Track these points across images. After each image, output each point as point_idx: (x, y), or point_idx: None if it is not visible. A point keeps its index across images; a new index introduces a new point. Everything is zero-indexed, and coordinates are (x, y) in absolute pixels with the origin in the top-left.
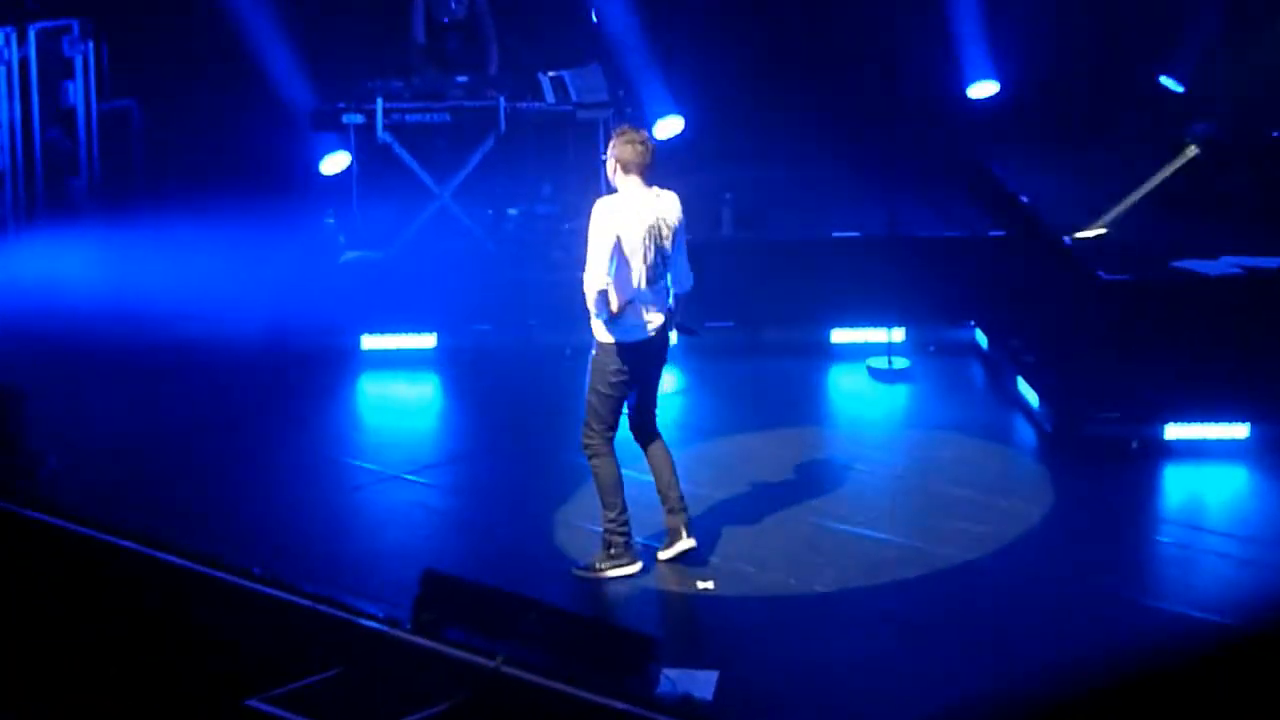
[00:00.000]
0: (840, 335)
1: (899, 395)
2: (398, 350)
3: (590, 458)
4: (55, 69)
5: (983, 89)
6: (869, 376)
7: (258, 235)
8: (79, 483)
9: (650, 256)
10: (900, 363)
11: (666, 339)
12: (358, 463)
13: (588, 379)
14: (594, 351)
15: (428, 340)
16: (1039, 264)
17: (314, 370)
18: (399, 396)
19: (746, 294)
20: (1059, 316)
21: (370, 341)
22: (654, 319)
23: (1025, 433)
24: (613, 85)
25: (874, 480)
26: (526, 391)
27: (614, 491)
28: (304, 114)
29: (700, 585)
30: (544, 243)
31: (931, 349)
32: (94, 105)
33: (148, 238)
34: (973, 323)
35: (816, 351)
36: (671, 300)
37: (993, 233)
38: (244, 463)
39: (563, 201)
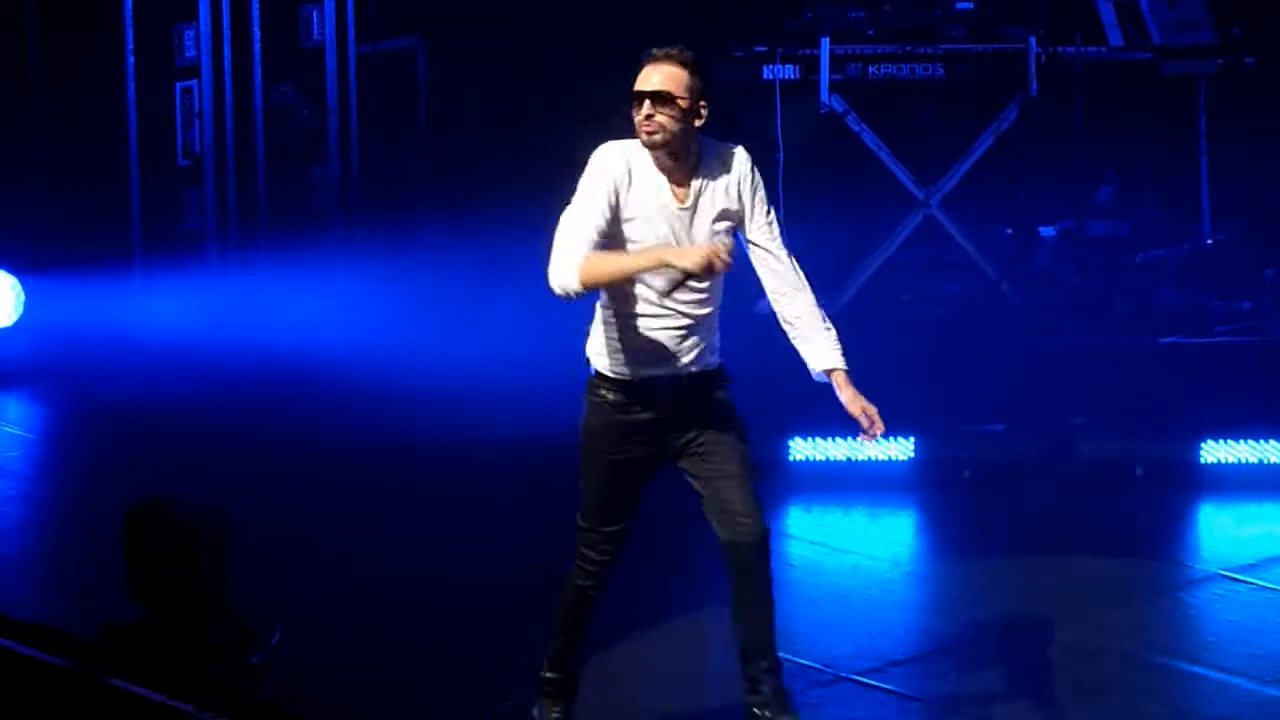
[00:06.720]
0: None
1: None
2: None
3: None
4: None
5: None
6: None
7: None
8: (315, 674)
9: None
10: None
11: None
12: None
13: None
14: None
15: (898, 448)
16: None
17: None
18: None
19: None
20: None
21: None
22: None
23: None
24: (1223, 14)
25: None
26: (1049, 544)
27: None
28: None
29: None
30: (1099, 284)
31: None
32: (352, 46)
33: (441, 269)
34: None
35: None
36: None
37: None
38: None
39: (1134, 215)
